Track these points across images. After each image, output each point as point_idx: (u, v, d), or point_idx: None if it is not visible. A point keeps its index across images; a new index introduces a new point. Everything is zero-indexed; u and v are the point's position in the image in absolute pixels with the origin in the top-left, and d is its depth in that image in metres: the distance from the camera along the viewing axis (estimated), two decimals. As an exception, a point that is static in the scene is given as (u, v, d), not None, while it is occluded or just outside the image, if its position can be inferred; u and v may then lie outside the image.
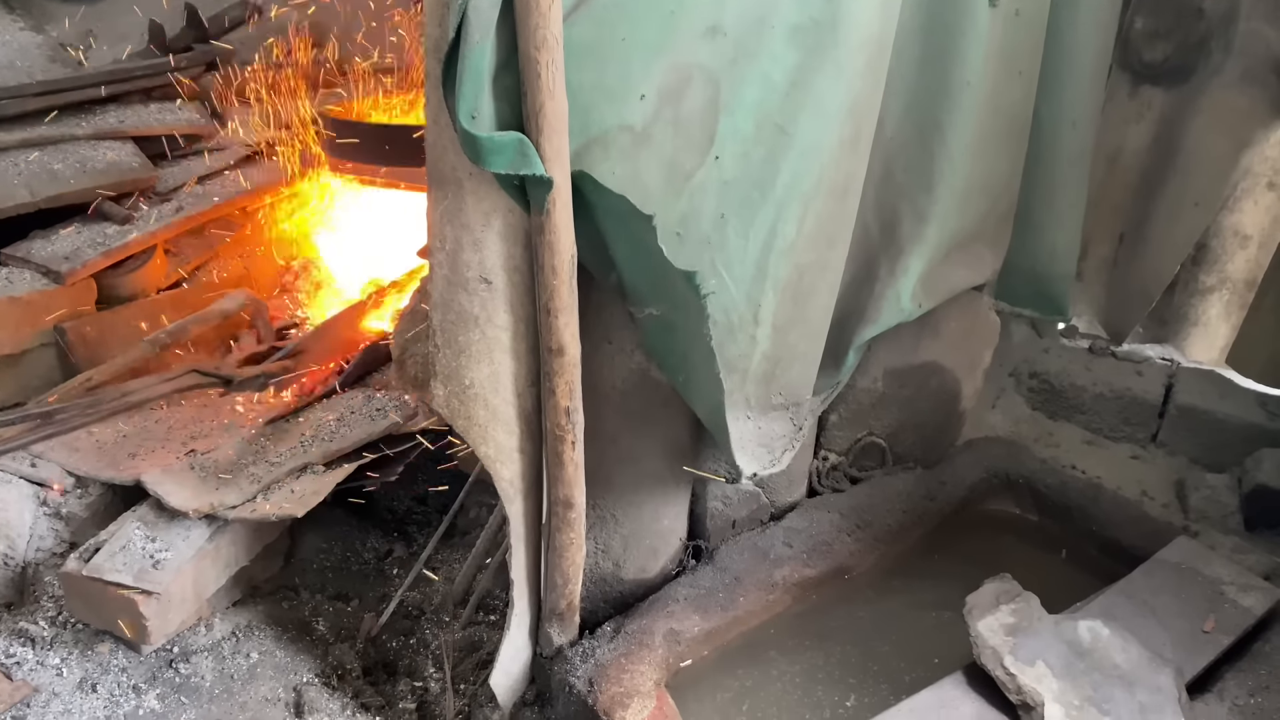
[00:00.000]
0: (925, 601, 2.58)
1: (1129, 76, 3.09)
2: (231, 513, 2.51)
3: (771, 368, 2.28)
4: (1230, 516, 2.84)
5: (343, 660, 2.53)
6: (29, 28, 4.16)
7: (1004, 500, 3.08)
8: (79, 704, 2.33)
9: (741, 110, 1.93)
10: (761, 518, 2.77)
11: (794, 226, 2.10)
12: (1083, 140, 2.79)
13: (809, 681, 2.34)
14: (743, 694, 2.29)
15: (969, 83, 2.39)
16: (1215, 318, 3.34)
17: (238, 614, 2.66)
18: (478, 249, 1.80)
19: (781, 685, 2.32)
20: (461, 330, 1.86)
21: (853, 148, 2.18)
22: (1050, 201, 2.86)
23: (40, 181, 3.34)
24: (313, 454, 2.72)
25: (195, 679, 2.44)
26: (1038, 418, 3.39)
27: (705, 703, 2.26)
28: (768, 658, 2.39)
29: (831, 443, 2.90)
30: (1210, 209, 3.04)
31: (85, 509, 2.72)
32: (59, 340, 3.22)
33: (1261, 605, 2.35)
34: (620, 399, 2.22)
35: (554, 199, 1.73)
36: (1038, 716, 1.96)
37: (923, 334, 2.82)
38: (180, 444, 2.86)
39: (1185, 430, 3.11)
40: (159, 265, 3.56)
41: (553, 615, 2.23)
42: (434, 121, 1.72)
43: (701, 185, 1.94)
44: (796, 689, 2.31)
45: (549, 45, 1.61)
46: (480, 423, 1.95)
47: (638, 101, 1.80)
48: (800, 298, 2.24)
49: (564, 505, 2.06)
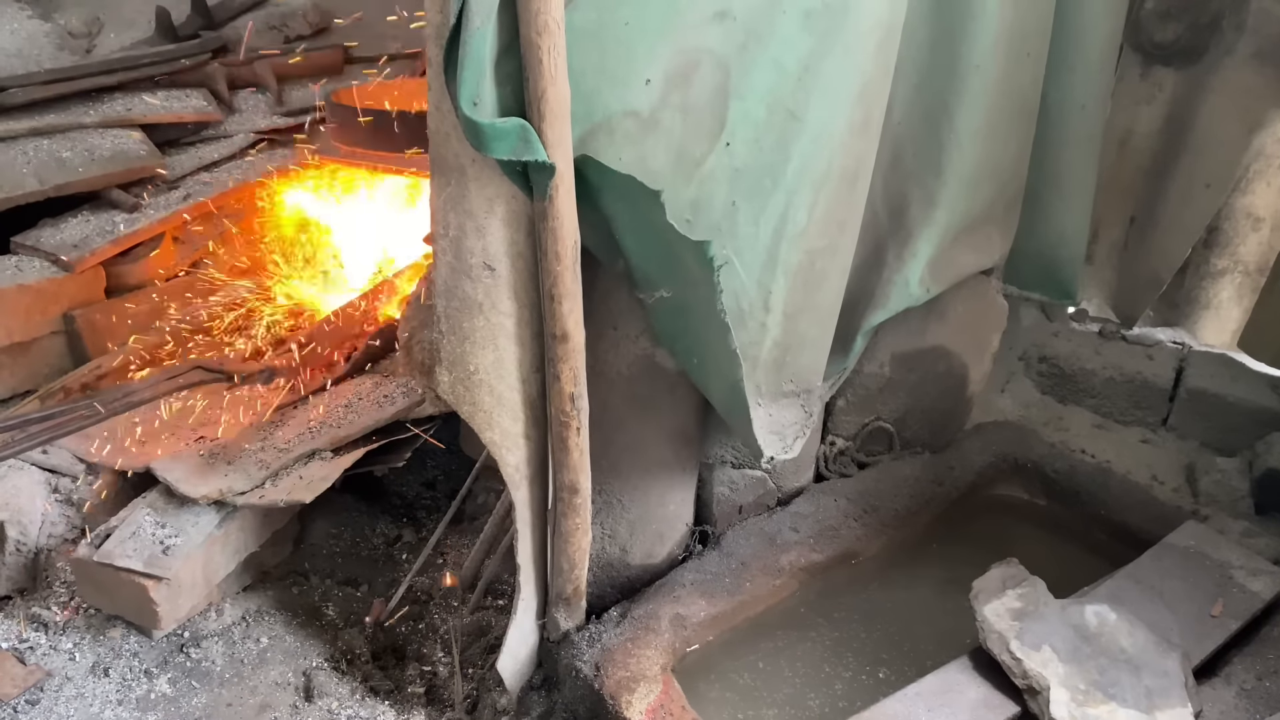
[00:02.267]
0: (932, 586, 2.58)
1: (1140, 57, 3.06)
2: (240, 499, 2.53)
3: (782, 355, 2.27)
4: (1241, 500, 2.83)
5: (352, 645, 2.55)
6: (37, 15, 4.15)
7: (1012, 485, 3.07)
8: (91, 688, 2.36)
9: (752, 96, 1.92)
10: (768, 503, 2.77)
11: (805, 213, 2.09)
12: (1092, 122, 2.76)
13: (815, 666, 2.34)
14: (749, 678, 2.30)
15: (977, 66, 2.36)
16: (1227, 301, 3.32)
17: (248, 599, 2.68)
18: (481, 235, 1.80)
19: (787, 670, 2.33)
20: (466, 317, 1.87)
21: (863, 132, 2.16)
22: (1059, 185, 2.84)
23: (49, 170, 3.34)
24: (321, 440, 2.73)
25: (206, 663, 2.46)
26: (1047, 402, 3.37)
27: (711, 687, 2.27)
28: (774, 643, 2.40)
29: (839, 428, 2.90)
30: (1222, 191, 3.01)
31: (95, 495, 2.74)
32: (68, 328, 3.24)
33: (1270, 590, 2.34)
34: (626, 385, 2.22)
35: (557, 185, 1.73)
36: (1043, 701, 1.96)
37: (930, 318, 2.81)
38: (190, 431, 2.87)
39: (1196, 414, 3.09)
40: (167, 253, 3.57)
41: (559, 600, 2.24)
42: (436, 108, 1.72)
43: (712, 172, 1.93)
44: (802, 673, 2.32)
45: (550, 30, 1.60)
46: (485, 409, 1.95)
47: (643, 87, 1.79)
48: (811, 284, 2.23)
49: (569, 491, 2.06)
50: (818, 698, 2.25)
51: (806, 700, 2.25)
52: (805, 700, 2.25)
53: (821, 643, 2.41)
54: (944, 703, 2.05)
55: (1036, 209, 2.88)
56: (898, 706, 2.05)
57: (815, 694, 2.26)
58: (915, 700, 2.06)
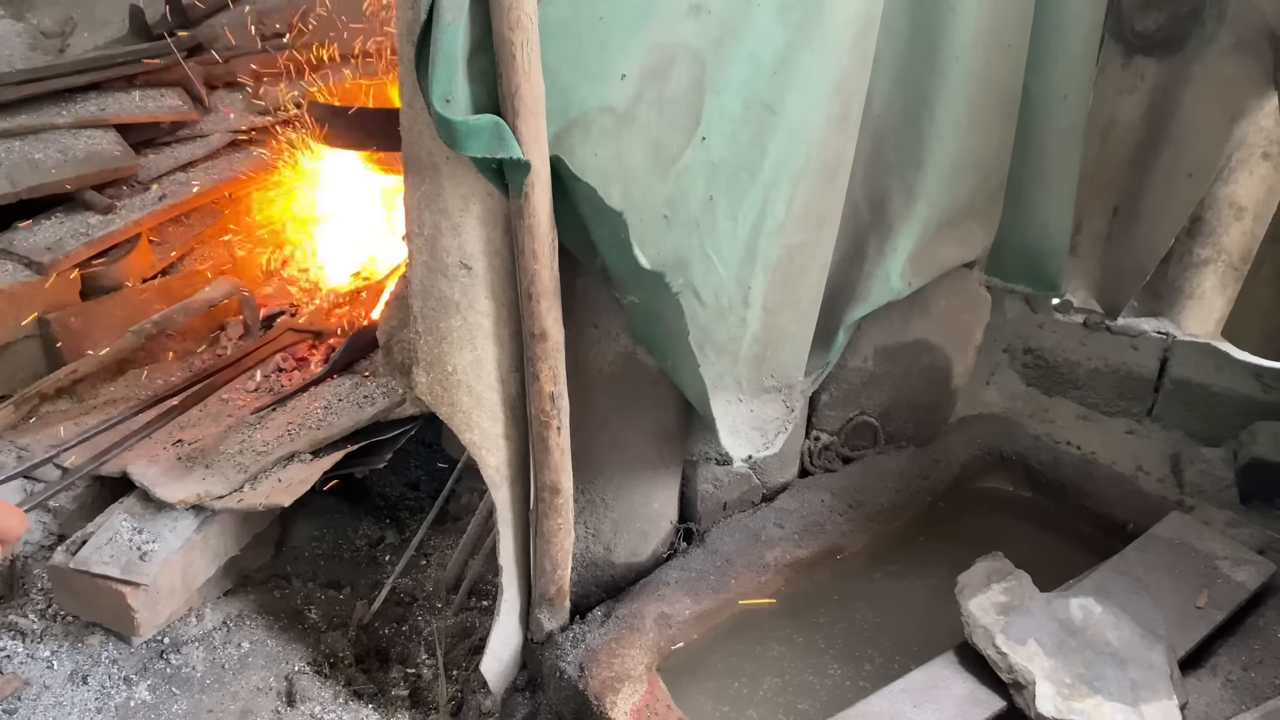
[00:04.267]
0: (917, 580, 2.58)
1: (1121, 47, 3.05)
2: (218, 503, 2.50)
3: (763, 350, 2.26)
4: (1226, 490, 2.83)
5: (335, 648, 2.53)
6: (9, 15, 4.09)
7: (997, 478, 3.06)
8: (70, 696, 2.33)
9: (728, 90, 1.90)
10: (753, 499, 2.75)
11: (783, 207, 2.08)
12: (1074, 113, 2.75)
13: (800, 662, 2.33)
14: (734, 676, 2.28)
15: (957, 57, 2.35)
16: (1210, 290, 3.32)
17: (229, 603, 2.65)
18: (457, 234, 1.78)
19: (773, 667, 2.31)
20: (443, 316, 1.84)
21: (841, 126, 2.14)
22: (1042, 176, 2.83)
23: (21, 172, 3.29)
24: (300, 442, 2.70)
25: (186, 669, 2.43)
26: (1032, 394, 3.37)
27: (697, 686, 2.25)
28: (759, 639, 2.38)
29: (823, 423, 2.88)
30: (1205, 180, 3.01)
31: (73, 501, 2.70)
32: (43, 332, 3.19)
33: (1255, 580, 2.34)
34: (607, 383, 2.20)
35: (532, 182, 1.70)
36: (1029, 695, 1.95)
37: (913, 312, 2.80)
38: (167, 434, 2.84)
39: (1181, 404, 3.09)
40: (143, 254, 3.52)
41: (543, 601, 2.22)
42: (409, 105, 1.69)
43: (688, 167, 1.91)
44: (788, 670, 2.31)
45: (523, 25, 1.57)
46: (464, 409, 1.93)
47: (618, 82, 1.76)
48: (790, 279, 2.21)
49: (551, 491, 2.04)
50: (803, 695, 2.24)
51: (792, 697, 2.23)
52: (791, 697, 2.23)
53: (807, 639, 2.40)
54: (930, 699, 2.04)
55: (1019, 201, 2.87)
56: (883, 703, 2.04)
57: (801, 691, 2.25)
58: (901, 696, 2.05)
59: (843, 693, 2.24)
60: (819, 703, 2.21)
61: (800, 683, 2.28)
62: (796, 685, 2.27)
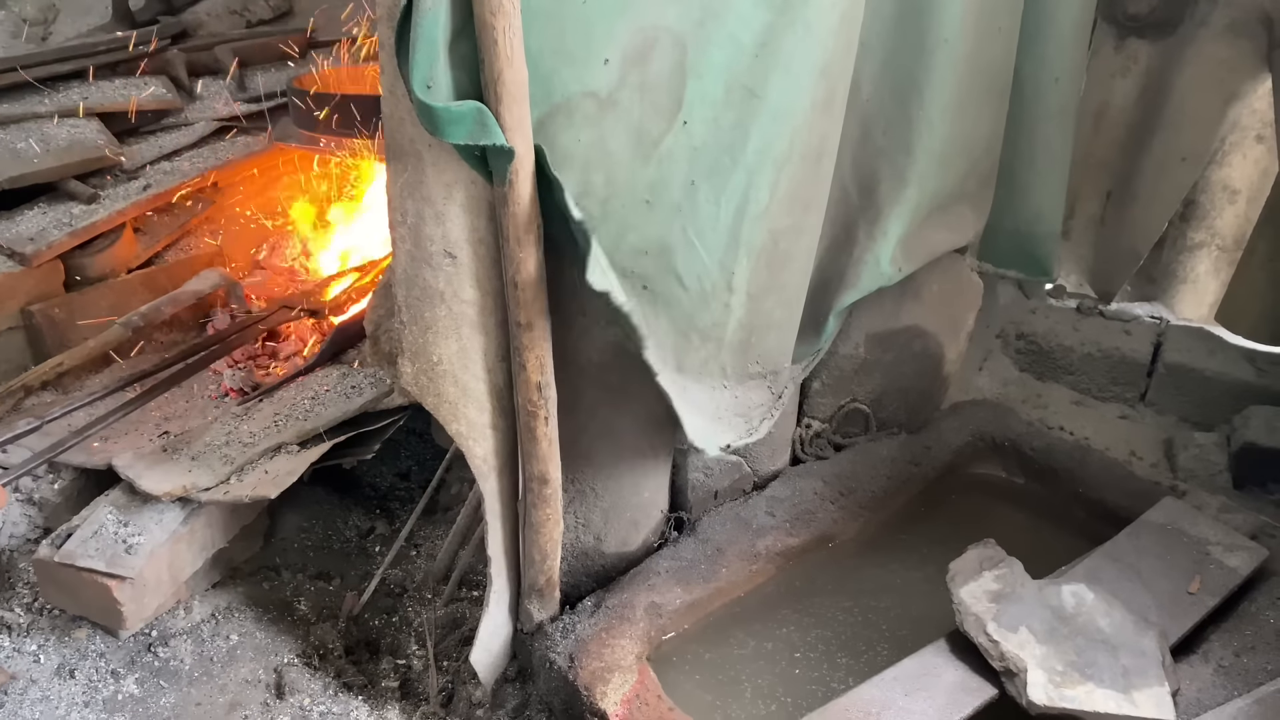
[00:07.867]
0: (909, 568, 2.56)
1: (1114, 30, 3.04)
2: (205, 495, 2.47)
3: (747, 336, 2.23)
4: (1219, 475, 2.83)
5: (324, 640, 2.51)
6: (-10, 3, 4.06)
7: (990, 464, 3.04)
8: (57, 690, 2.31)
9: (710, 73, 1.87)
10: (744, 487, 2.74)
11: (767, 192, 2.05)
12: (1066, 97, 2.73)
13: (792, 650, 2.32)
14: (725, 665, 2.27)
15: (946, 40, 2.32)
16: (1204, 274, 3.31)
17: (217, 596, 2.63)
18: (440, 222, 1.75)
19: (765, 655, 2.31)
20: (427, 306, 1.82)
21: (826, 110, 2.12)
22: (1034, 160, 2.81)
23: (2, 161, 3.25)
24: (287, 433, 2.68)
25: (174, 662, 2.42)
26: (1025, 379, 3.36)
27: (688, 676, 2.24)
28: (751, 628, 2.37)
29: (814, 410, 2.87)
30: (1198, 163, 3.00)
31: (58, 494, 2.68)
32: (27, 323, 3.16)
33: (1248, 565, 2.33)
34: (596, 372, 2.18)
35: (516, 169, 1.68)
36: (1021, 682, 1.95)
37: (904, 298, 2.78)
38: (153, 426, 2.81)
39: (1174, 389, 3.08)
40: (128, 244, 3.49)
41: (532, 591, 2.20)
42: (390, 92, 1.67)
43: (670, 152, 1.89)
44: (780, 658, 2.30)
45: (505, 10, 1.55)
46: (450, 400, 1.91)
47: (601, 66, 1.74)
48: (775, 264, 2.19)
49: (539, 481, 2.03)
50: (794, 683, 2.23)
51: (783, 686, 2.23)
52: (782, 686, 2.23)
53: (798, 628, 2.39)
54: (921, 686, 2.03)
55: (1011, 185, 2.85)
56: (875, 691, 2.03)
57: (792, 679, 2.24)
58: (893, 684, 2.04)
59: (834, 680, 2.23)
60: (810, 690, 2.21)
61: (792, 670, 2.27)
62: (787, 674, 2.26)
